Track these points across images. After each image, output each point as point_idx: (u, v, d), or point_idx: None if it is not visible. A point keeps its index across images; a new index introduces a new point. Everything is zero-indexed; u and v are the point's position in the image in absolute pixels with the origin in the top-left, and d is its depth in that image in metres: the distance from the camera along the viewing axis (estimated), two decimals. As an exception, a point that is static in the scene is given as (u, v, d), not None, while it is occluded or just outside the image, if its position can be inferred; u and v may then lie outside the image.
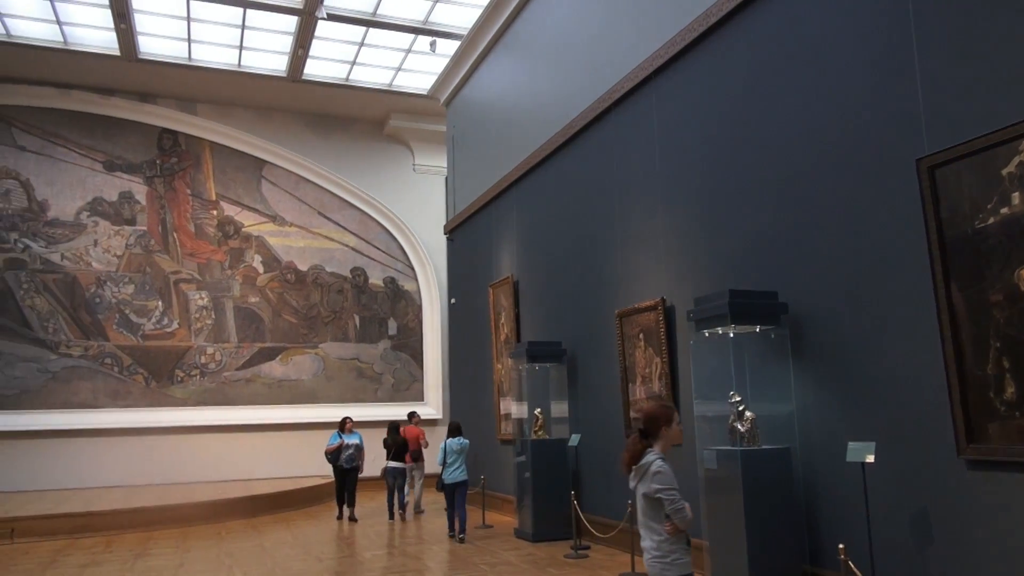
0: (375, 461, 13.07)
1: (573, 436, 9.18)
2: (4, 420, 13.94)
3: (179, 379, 15.24)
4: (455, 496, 9.52)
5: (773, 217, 6.30)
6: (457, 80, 14.11)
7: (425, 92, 15.47)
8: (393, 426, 11.80)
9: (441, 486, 9.59)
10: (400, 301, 17.04)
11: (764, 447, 5.77)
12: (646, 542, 3.81)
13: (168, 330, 15.35)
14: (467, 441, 9.74)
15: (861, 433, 5.21)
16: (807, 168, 5.93)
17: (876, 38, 5.35)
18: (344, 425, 11.81)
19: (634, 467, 3.84)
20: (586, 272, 9.43)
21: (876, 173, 5.28)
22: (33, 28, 13.38)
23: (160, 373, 15.14)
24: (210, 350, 15.51)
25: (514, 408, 10.73)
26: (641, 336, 8.08)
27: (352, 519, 11.49)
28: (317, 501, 13.48)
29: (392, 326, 16.88)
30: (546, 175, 10.63)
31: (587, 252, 9.42)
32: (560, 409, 9.81)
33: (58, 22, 13.17)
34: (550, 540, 9.03)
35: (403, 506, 11.78)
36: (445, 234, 15.00)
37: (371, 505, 12.90)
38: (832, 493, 5.53)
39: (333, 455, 11.61)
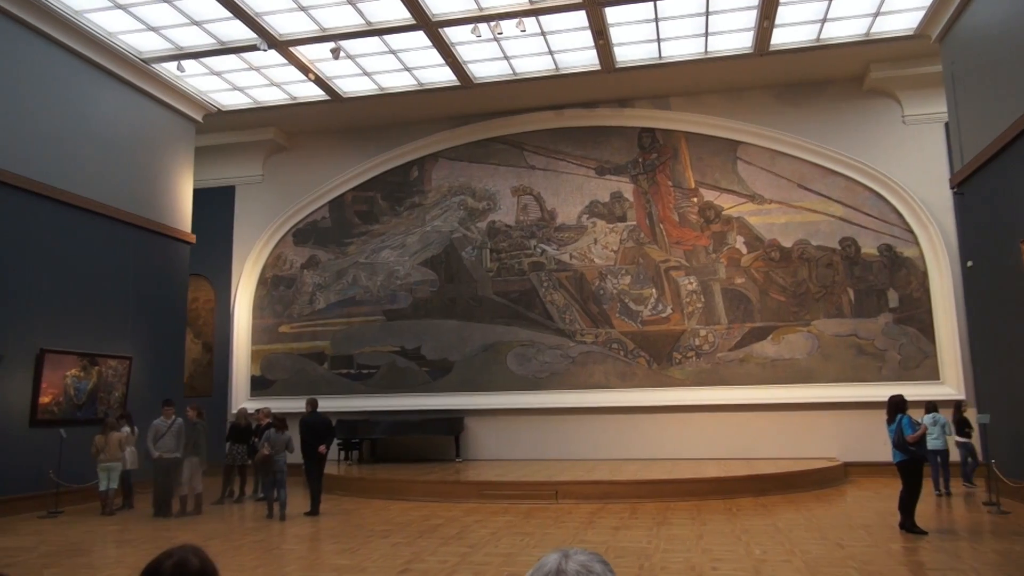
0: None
1: None
2: (541, 399, 16.49)
3: (677, 361, 16.10)
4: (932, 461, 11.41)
5: None
6: (953, 7, 12.16)
7: (912, 32, 13.69)
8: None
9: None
10: (900, 270, 15.34)
11: None
12: None
13: (663, 315, 16.35)
14: (944, 418, 11.98)
15: None
16: None
17: None
18: (904, 405, 9.22)
19: None
20: None
21: None
22: (530, 63, 15.54)
23: (660, 356, 16.21)
24: (703, 332, 16.06)
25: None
26: None
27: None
28: (827, 484, 12.89)
29: (892, 298, 15.30)
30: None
31: None
32: None
33: (550, 52, 15.05)
34: None
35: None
36: (952, 188, 13.05)
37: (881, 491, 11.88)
38: None
39: (920, 444, 9.02)
